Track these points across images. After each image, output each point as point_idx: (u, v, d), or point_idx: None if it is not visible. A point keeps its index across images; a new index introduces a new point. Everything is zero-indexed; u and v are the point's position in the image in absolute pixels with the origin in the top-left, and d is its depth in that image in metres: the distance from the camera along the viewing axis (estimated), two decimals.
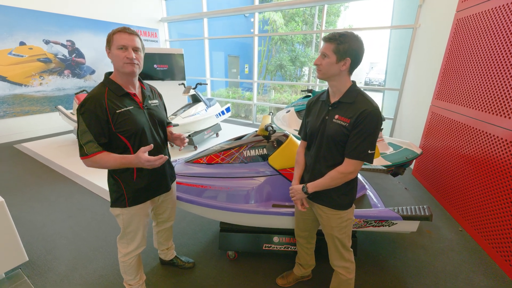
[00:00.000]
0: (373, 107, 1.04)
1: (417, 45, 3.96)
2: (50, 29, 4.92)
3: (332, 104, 1.13)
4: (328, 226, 1.26)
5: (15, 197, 2.74)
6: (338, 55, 1.02)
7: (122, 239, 1.36)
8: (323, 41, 1.07)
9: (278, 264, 1.83)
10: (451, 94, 2.71)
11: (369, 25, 20.93)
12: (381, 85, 13.58)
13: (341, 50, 1.02)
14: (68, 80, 5.36)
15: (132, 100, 1.19)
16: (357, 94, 1.09)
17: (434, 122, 3.03)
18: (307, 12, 10.36)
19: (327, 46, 1.04)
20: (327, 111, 1.15)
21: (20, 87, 4.71)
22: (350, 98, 1.09)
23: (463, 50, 2.58)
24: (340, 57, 1.03)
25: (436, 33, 3.39)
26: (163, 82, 5.53)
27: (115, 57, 1.10)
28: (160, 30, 7.04)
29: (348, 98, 1.09)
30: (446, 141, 2.72)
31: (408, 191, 1.92)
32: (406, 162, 2.66)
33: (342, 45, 1.01)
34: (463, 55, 2.57)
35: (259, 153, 1.79)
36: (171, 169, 1.46)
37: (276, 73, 10.57)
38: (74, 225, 2.27)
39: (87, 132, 1.07)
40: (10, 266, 1.65)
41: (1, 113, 4.55)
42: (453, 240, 2.15)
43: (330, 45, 1.03)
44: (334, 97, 1.15)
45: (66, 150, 4.20)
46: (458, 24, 2.70)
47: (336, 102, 1.12)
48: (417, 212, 1.59)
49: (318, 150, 1.19)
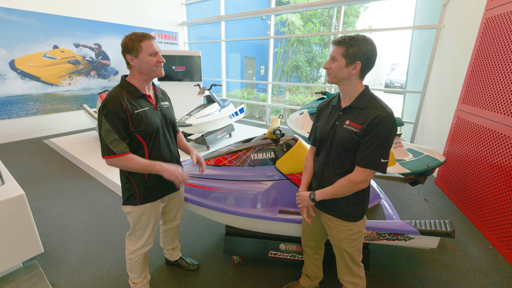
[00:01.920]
0: (386, 113, 0.98)
1: (441, 46, 3.72)
2: (80, 33, 5.29)
3: (343, 109, 1.09)
4: (336, 238, 1.20)
5: (39, 188, 2.92)
6: (348, 58, 0.99)
7: (130, 236, 1.39)
8: (333, 44, 1.04)
9: (284, 272, 1.76)
10: (480, 98, 2.49)
11: (390, 25, 20.18)
12: (402, 87, 12.99)
13: (350, 54, 0.98)
14: (93, 80, 5.70)
15: (147, 101, 1.25)
16: (370, 99, 1.04)
17: (460, 127, 2.80)
18: (325, 13, 10.16)
19: (337, 50, 1.01)
20: (338, 116, 1.10)
21: (52, 86, 5.09)
22: (361, 103, 1.04)
23: (493, 51, 2.36)
24: (349, 60, 0.99)
25: (462, 33, 3.15)
26: (180, 83, 5.68)
27: (146, 62, 1.17)
28: (180, 33, 7.23)
29: (359, 103, 1.04)
30: (474, 149, 2.51)
31: (428, 202, 1.77)
32: (427, 170, 2.48)
33: (351, 48, 0.98)
34: (493, 57, 2.35)
35: (267, 157, 1.74)
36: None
37: (292, 74, 10.46)
38: (88, 219, 2.36)
39: (111, 131, 1.12)
40: (27, 256, 1.73)
41: (34, 110, 4.93)
42: (481, 260, 1.95)
43: (340, 49, 1.00)
44: (344, 101, 1.10)
45: (88, 146, 4.44)
46: (487, 23, 2.48)
47: (347, 107, 1.07)
48: (437, 227, 1.46)
49: (327, 156, 1.14)
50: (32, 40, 4.68)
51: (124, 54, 1.18)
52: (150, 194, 1.30)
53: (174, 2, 6.94)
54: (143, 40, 1.16)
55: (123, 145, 1.13)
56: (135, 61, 1.18)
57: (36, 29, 4.69)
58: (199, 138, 4.22)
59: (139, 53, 1.16)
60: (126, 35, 1.18)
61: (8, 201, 1.58)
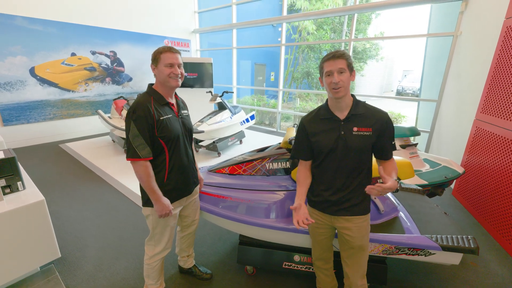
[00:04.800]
0: (386, 113, 1.17)
1: (458, 53, 3.64)
2: (97, 41, 5.48)
3: (345, 119, 1.16)
4: (359, 237, 1.22)
5: (55, 193, 2.99)
6: (350, 69, 1.11)
7: (150, 241, 1.43)
8: (334, 59, 1.09)
9: (298, 285, 1.73)
10: (500, 108, 2.41)
11: (402, 31, 19.92)
12: (415, 94, 12.73)
13: (350, 64, 1.11)
14: (108, 86, 5.87)
15: (170, 109, 1.33)
16: (364, 105, 1.18)
17: (479, 138, 2.71)
18: (336, 20, 10.17)
19: (342, 62, 1.09)
20: (340, 127, 1.16)
21: (68, 92, 5.28)
22: (360, 109, 1.15)
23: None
24: (351, 70, 1.11)
25: (480, 41, 3.08)
26: (192, 90, 5.78)
27: (161, 72, 1.25)
28: (192, 40, 7.40)
29: (358, 110, 1.15)
30: (494, 159, 2.41)
31: (448, 216, 1.71)
32: (445, 182, 2.40)
33: (350, 59, 1.11)
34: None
35: (281, 166, 1.74)
36: (195, 173, 1.52)
37: (302, 80, 10.46)
38: (102, 224, 2.39)
39: (139, 136, 1.19)
40: (45, 261, 1.76)
41: (51, 115, 5.12)
42: (505, 277, 1.86)
43: (343, 61, 1.09)
44: (342, 111, 1.17)
45: (102, 151, 4.54)
46: (508, 31, 2.42)
47: (349, 116, 1.15)
48: (460, 243, 1.40)
49: (340, 163, 1.18)
50: (51, 48, 4.89)
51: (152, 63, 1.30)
52: (168, 197, 1.34)
53: (187, 10, 7.12)
54: (163, 52, 1.24)
55: (147, 149, 1.21)
56: (156, 71, 1.28)
57: (56, 37, 4.90)
58: (210, 144, 4.25)
59: (158, 63, 1.25)
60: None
61: (29, 206, 1.61)
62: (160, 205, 1.28)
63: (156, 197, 1.27)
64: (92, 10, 5.28)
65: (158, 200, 1.27)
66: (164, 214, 1.31)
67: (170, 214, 1.33)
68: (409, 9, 10.43)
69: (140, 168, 1.22)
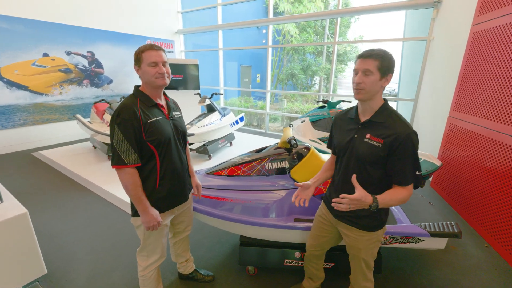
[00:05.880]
0: (410, 129, 1.00)
1: (431, 56, 3.94)
2: (73, 41, 5.14)
3: (363, 123, 1.09)
4: (355, 248, 1.20)
5: (34, 205, 2.74)
6: (382, 72, 0.99)
7: (142, 252, 1.35)
8: (363, 58, 1.00)
9: (300, 280, 1.79)
10: (470, 105, 2.67)
11: (379, 35, 20.97)
12: (392, 94, 13.43)
13: (385, 67, 0.99)
14: (86, 89, 5.55)
15: (160, 111, 1.25)
16: (390, 114, 1.05)
17: (452, 133, 2.97)
18: (318, 23, 10.51)
19: (370, 62, 0.98)
20: (357, 130, 1.11)
21: (41, 96, 4.88)
22: (381, 117, 1.05)
23: (480, 63, 2.55)
24: (383, 73, 1.00)
25: (451, 45, 3.37)
26: (178, 92, 5.69)
27: (146, 73, 1.16)
28: (176, 41, 7.28)
29: (379, 117, 1.05)
30: (466, 153, 2.66)
31: (433, 205, 1.88)
32: (426, 174, 2.61)
33: (386, 61, 0.98)
34: (480, 68, 2.54)
35: (280, 166, 1.79)
36: (189, 179, 1.47)
37: (287, 82, 10.67)
38: (91, 236, 2.27)
39: (124, 141, 1.11)
40: (30, 279, 1.59)
41: (21, 121, 4.69)
42: (480, 258, 2.07)
43: (374, 62, 0.98)
44: (364, 115, 1.10)
45: (82, 158, 4.27)
46: (475, 37, 2.69)
47: (367, 121, 1.08)
48: (445, 229, 1.55)
49: (345, 170, 1.15)
50: (19, 47, 4.49)
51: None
52: (160, 206, 1.26)
53: (170, 10, 6.99)
54: (145, 50, 1.16)
55: (134, 155, 1.13)
56: (140, 72, 1.19)
57: (25, 36, 4.50)
58: (200, 147, 4.23)
59: (141, 63, 1.17)
60: None
61: (11, 220, 1.46)
62: (147, 217, 1.19)
63: (142, 208, 1.18)
64: (68, 7, 4.94)
65: (145, 211, 1.18)
66: (152, 226, 1.21)
67: (158, 225, 1.23)
68: (386, 15, 11.02)
69: (125, 176, 1.14)
